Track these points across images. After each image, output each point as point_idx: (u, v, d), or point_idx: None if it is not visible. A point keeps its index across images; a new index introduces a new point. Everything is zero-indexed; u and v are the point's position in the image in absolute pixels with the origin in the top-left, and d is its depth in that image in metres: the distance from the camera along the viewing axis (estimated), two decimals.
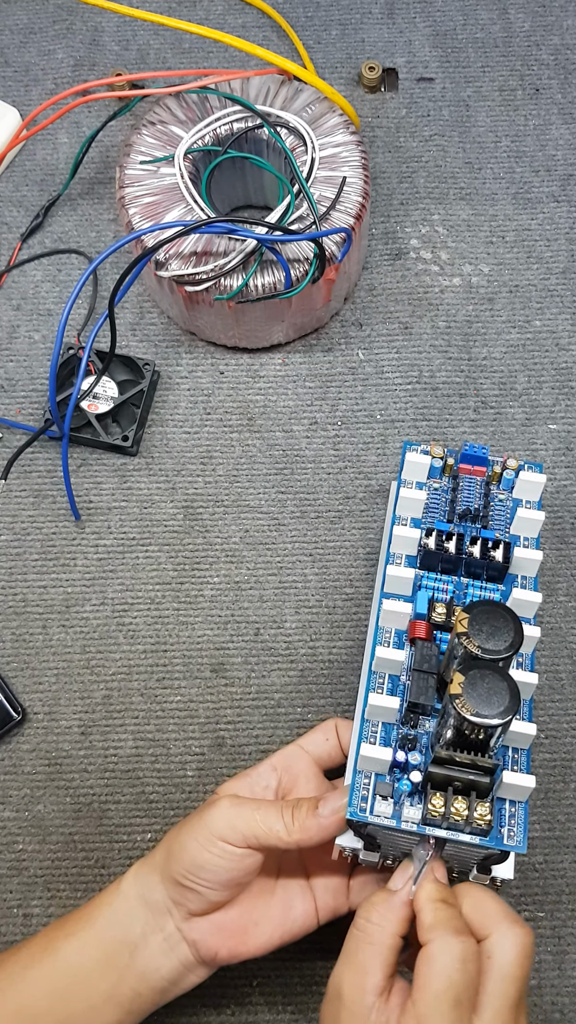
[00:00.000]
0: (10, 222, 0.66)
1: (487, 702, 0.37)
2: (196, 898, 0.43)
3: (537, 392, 0.62)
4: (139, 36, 0.70)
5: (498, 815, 0.41)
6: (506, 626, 0.39)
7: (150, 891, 0.44)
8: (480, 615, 0.39)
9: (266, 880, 0.46)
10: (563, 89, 0.69)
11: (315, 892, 0.46)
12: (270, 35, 0.70)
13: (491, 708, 0.37)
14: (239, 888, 0.44)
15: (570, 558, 0.58)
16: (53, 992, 0.43)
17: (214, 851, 0.42)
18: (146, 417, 0.61)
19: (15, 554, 0.58)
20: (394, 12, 0.71)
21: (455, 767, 0.39)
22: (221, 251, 0.56)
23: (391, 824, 0.41)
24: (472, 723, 0.37)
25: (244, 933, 0.44)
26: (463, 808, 0.39)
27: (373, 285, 0.64)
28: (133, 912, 0.44)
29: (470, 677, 0.37)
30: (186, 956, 0.44)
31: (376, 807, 0.41)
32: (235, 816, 0.43)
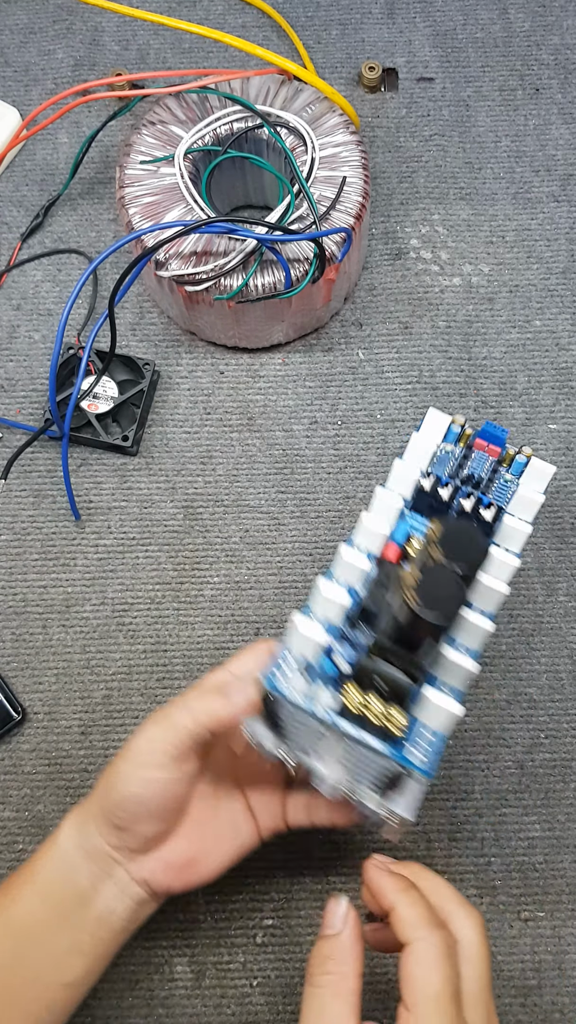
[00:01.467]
0: (10, 222, 0.66)
1: (434, 600, 0.37)
2: (132, 836, 0.43)
3: (537, 392, 0.62)
4: (139, 36, 0.70)
5: (413, 731, 0.40)
6: (474, 546, 0.39)
7: (87, 839, 0.43)
8: (453, 531, 0.39)
9: (206, 808, 0.46)
10: (563, 89, 0.69)
11: (254, 812, 0.47)
12: (270, 35, 0.70)
13: (435, 607, 0.37)
14: (174, 815, 0.43)
15: (570, 558, 0.58)
16: (14, 957, 0.43)
17: (135, 783, 0.41)
18: (146, 417, 0.61)
19: (15, 554, 0.58)
20: (394, 12, 0.71)
21: (384, 663, 0.38)
22: (221, 251, 0.56)
23: (303, 705, 0.39)
24: (414, 617, 0.37)
25: (194, 864, 0.44)
26: (379, 708, 0.38)
27: (373, 285, 0.64)
28: (75, 865, 0.43)
29: (427, 572, 0.37)
30: (139, 895, 0.44)
31: (293, 681, 0.40)
32: (148, 738, 0.42)
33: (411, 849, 0.53)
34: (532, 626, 0.57)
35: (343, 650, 0.41)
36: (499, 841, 0.53)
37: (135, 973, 0.51)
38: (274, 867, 0.53)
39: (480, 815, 0.53)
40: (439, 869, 0.52)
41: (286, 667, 0.40)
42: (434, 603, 0.37)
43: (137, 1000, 0.51)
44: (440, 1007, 0.36)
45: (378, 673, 0.39)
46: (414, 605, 0.37)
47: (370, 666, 0.39)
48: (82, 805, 0.44)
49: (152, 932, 0.52)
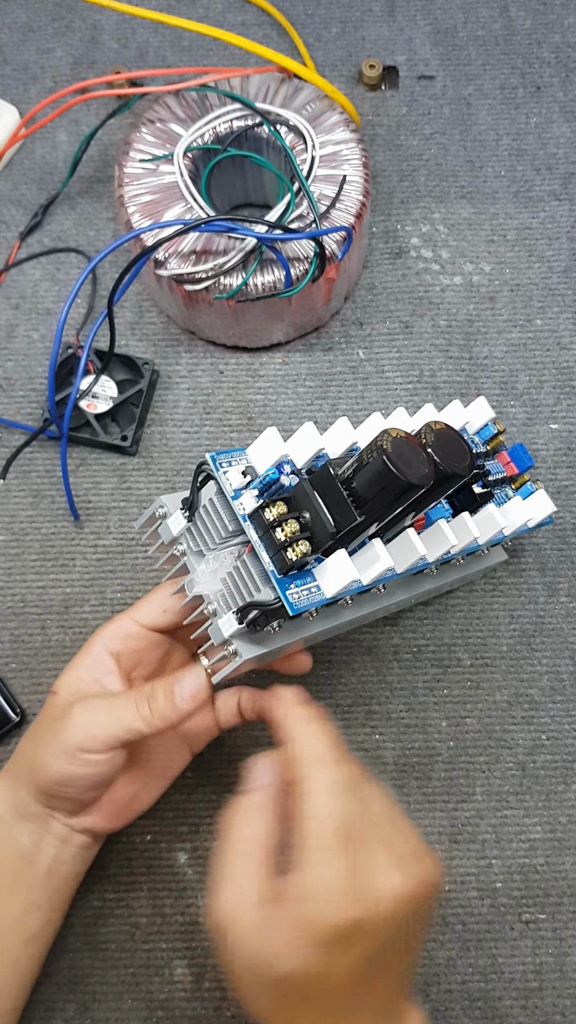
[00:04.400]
0: (9, 221, 0.65)
1: (405, 464, 0.37)
2: (71, 803, 0.43)
3: (538, 391, 0.61)
4: (138, 34, 0.70)
5: (305, 576, 0.40)
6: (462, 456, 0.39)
7: (23, 806, 0.44)
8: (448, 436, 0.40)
9: (139, 753, 0.46)
10: (564, 87, 0.69)
11: (183, 731, 0.46)
12: (270, 33, 0.70)
13: (405, 469, 0.37)
14: (112, 781, 0.44)
15: (571, 558, 0.58)
16: None
17: (77, 763, 0.41)
18: (145, 416, 0.61)
19: (14, 554, 0.58)
20: (395, 10, 0.71)
21: (321, 501, 0.38)
22: (221, 250, 0.55)
23: (225, 490, 0.39)
24: (383, 466, 0.37)
25: (131, 803, 0.45)
26: (290, 531, 0.38)
27: (373, 284, 0.64)
28: (14, 829, 0.44)
29: (397, 443, 0.37)
30: (83, 841, 0.45)
31: (230, 474, 0.40)
32: (90, 723, 0.41)
33: None
34: (533, 627, 0.56)
35: (293, 473, 0.40)
36: (500, 843, 0.53)
37: (135, 975, 0.51)
38: None
39: (481, 817, 0.53)
40: None
41: (235, 461, 0.40)
42: (405, 465, 0.37)
43: (137, 1002, 0.50)
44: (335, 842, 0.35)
45: (311, 506, 0.38)
46: (386, 456, 0.37)
47: (309, 495, 0.38)
48: (9, 772, 0.45)
49: (151, 935, 0.52)
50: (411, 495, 0.38)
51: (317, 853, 0.35)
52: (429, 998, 0.50)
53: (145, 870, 0.52)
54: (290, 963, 0.34)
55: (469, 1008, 0.50)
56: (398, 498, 0.38)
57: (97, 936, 0.51)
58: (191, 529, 0.41)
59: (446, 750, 0.54)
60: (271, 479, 0.40)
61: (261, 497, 0.40)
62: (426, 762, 0.54)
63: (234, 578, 0.40)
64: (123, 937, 0.52)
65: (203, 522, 0.41)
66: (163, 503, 0.42)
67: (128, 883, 0.52)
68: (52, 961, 0.51)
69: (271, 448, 0.40)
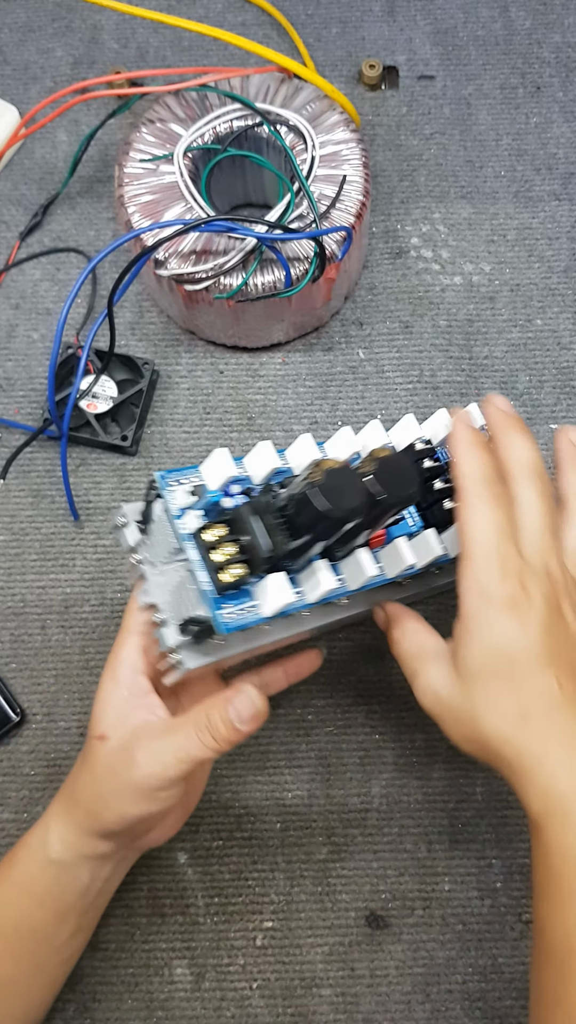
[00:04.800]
0: (9, 221, 0.65)
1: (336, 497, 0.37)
2: (129, 837, 0.44)
3: (538, 392, 0.61)
4: (138, 34, 0.70)
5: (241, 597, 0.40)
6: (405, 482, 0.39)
7: (90, 849, 0.43)
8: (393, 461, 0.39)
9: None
10: (564, 87, 0.69)
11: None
12: (270, 33, 0.70)
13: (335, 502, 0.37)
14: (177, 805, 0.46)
15: None
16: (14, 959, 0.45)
17: (154, 803, 0.41)
18: (145, 416, 0.61)
19: (14, 554, 0.58)
20: (395, 10, 0.71)
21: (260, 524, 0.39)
22: (221, 250, 0.55)
23: (170, 510, 0.40)
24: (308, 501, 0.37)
25: (185, 809, 0.47)
26: (228, 553, 0.39)
27: (373, 284, 0.64)
28: (76, 870, 0.44)
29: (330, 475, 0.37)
30: (131, 859, 0.48)
31: (176, 493, 0.41)
32: (157, 764, 0.41)
33: (412, 851, 0.53)
34: None
35: (239, 495, 0.41)
36: (500, 843, 0.53)
37: (135, 975, 0.51)
38: (274, 869, 0.52)
39: (481, 817, 0.53)
40: (440, 871, 0.52)
41: (185, 480, 0.41)
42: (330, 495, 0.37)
43: (137, 1003, 0.50)
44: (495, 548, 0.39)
45: (249, 529, 0.39)
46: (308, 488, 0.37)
47: (246, 519, 0.39)
48: (70, 815, 0.44)
49: (152, 935, 0.52)
50: (345, 524, 0.38)
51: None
52: (429, 998, 0.50)
53: (145, 869, 0.52)
54: None
55: (469, 1008, 0.50)
56: (330, 528, 0.38)
57: (97, 936, 0.51)
58: (145, 541, 0.42)
59: (446, 750, 0.54)
60: (213, 501, 0.40)
61: (206, 517, 0.40)
62: (426, 762, 0.54)
63: (178, 593, 0.41)
64: (123, 937, 0.52)
65: (154, 537, 0.41)
66: (124, 513, 0.42)
67: (128, 883, 0.52)
68: None
69: (221, 468, 0.40)
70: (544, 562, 0.40)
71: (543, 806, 0.37)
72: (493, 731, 0.39)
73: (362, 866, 0.53)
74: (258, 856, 0.53)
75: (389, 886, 0.52)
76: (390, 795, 0.54)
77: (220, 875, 0.52)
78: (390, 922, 0.52)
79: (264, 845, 0.53)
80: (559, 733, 0.38)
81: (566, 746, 0.38)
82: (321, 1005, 0.50)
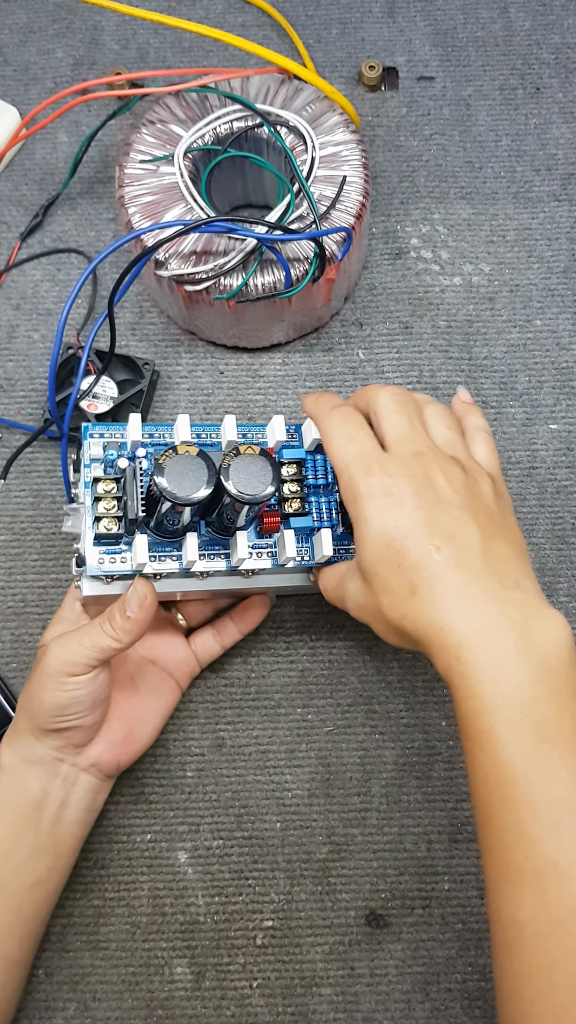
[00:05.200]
0: (9, 221, 0.66)
1: (175, 482, 0.42)
2: (75, 732, 0.47)
3: (538, 392, 0.61)
4: (139, 35, 0.70)
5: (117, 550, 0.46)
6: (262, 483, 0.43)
7: (30, 752, 0.47)
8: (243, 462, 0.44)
9: (125, 685, 0.51)
10: (564, 88, 0.69)
11: (167, 668, 0.52)
12: (270, 34, 0.70)
13: (173, 487, 0.42)
14: (104, 702, 0.48)
15: (570, 558, 0.58)
16: None
17: (68, 687, 0.45)
18: (146, 417, 0.61)
19: (14, 554, 0.58)
20: (394, 11, 0.71)
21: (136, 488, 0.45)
22: (221, 250, 0.56)
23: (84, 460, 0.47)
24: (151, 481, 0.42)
25: (132, 734, 0.50)
26: (106, 506, 0.45)
27: (373, 284, 0.64)
28: (23, 776, 0.47)
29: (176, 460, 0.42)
30: (89, 781, 0.48)
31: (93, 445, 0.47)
32: (66, 651, 0.46)
33: (412, 851, 0.53)
34: None
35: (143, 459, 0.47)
36: None
37: (135, 975, 0.51)
38: (274, 868, 0.53)
39: None
40: (440, 870, 0.52)
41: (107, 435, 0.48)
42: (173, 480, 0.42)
43: (137, 1002, 0.51)
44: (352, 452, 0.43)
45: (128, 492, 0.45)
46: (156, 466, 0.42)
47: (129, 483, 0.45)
48: (11, 729, 0.48)
49: (152, 934, 0.52)
50: (192, 506, 0.43)
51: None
52: (429, 997, 0.50)
53: (145, 869, 0.53)
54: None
55: (469, 1008, 0.50)
56: (175, 507, 0.43)
57: (97, 935, 0.52)
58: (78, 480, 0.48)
59: (446, 750, 0.54)
60: (109, 460, 0.47)
61: (106, 472, 0.46)
62: (426, 762, 0.54)
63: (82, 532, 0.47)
64: (123, 936, 0.52)
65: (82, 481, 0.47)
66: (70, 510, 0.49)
67: (128, 882, 0.52)
68: (52, 960, 0.51)
69: (131, 432, 0.47)
70: (409, 448, 0.42)
71: (445, 662, 0.39)
72: (393, 611, 0.41)
73: (362, 866, 0.53)
74: (258, 856, 0.53)
75: (389, 885, 0.52)
76: (390, 795, 0.54)
77: (220, 875, 0.53)
78: (390, 921, 0.52)
79: (264, 845, 0.53)
80: (444, 592, 0.39)
81: (453, 601, 0.39)
82: (321, 1004, 0.50)
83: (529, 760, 0.37)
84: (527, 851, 0.36)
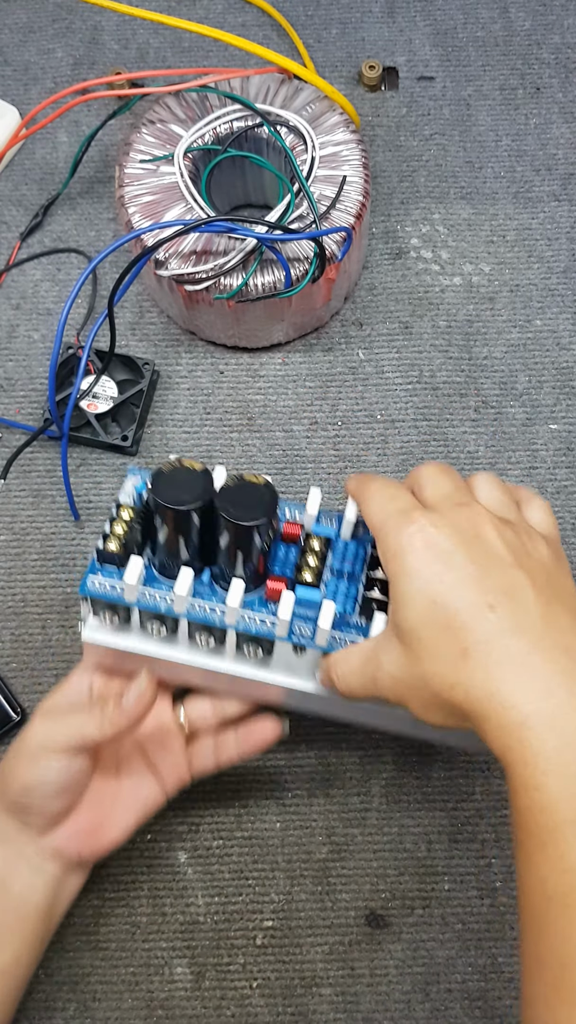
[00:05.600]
0: (9, 221, 0.66)
1: (171, 487, 0.41)
2: (39, 816, 0.44)
3: (538, 392, 0.61)
4: (139, 35, 0.70)
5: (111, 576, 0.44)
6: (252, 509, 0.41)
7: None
8: (240, 488, 0.41)
9: (107, 772, 0.47)
10: (564, 88, 0.69)
11: (157, 770, 0.48)
12: (270, 34, 0.70)
13: (168, 491, 0.41)
14: (78, 790, 0.45)
15: (571, 558, 0.58)
16: None
17: (40, 766, 0.43)
18: (146, 417, 0.61)
19: (14, 554, 0.58)
20: (394, 11, 0.71)
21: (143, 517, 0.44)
22: (221, 250, 0.56)
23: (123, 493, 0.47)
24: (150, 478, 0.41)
25: (100, 828, 0.46)
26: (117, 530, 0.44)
27: (373, 284, 0.64)
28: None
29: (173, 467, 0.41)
30: (54, 869, 0.45)
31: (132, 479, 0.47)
32: (46, 728, 0.43)
33: (412, 851, 0.53)
34: None
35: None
36: (500, 842, 0.53)
37: (135, 975, 0.51)
38: (274, 868, 0.53)
39: (481, 816, 0.53)
40: (440, 870, 0.52)
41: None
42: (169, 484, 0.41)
43: (137, 1002, 0.51)
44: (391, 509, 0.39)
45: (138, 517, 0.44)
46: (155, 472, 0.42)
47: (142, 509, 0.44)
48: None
49: (151, 934, 0.52)
50: (182, 523, 0.41)
51: None
52: (429, 997, 0.50)
53: (145, 869, 0.53)
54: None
55: (469, 1008, 0.50)
56: (167, 522, 0.42)
57: (97, 935, 0.52)
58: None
59: (445, 749, 0.54)
60: (139, 490, 0.46)
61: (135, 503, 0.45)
62: (426, 762, 0.54)
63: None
64: (123, 936, 0.52)
65: None
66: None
67: (128, 882, 0.52)
68: (52, 960, 0.51)
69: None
70: (455, 502, 0.39)
71: (503, 742, 0.34)
72: (440, 680, 0.36)
73: (362, 865, 0.53)
74: (258, 856, 0.53)
75: (389, 885, 0.52)
76: (390, 795, 0.54)
77: (220, 875, 0.53)
78: (390, 921, 0.52)
79: (264, 845, 0.53)
80: (501, 660, 0.35)
81: (513, 672, 0.34)
82: (321, 1004, 0.50)
83: None
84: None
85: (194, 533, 0.42)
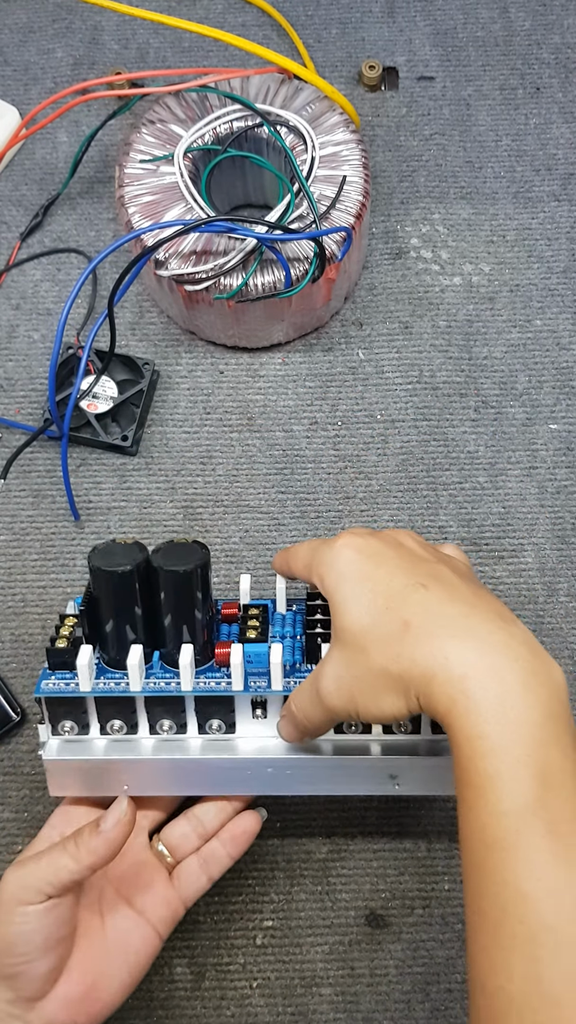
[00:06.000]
0: (9, 221, 0.66)
1: (107, 556, 0.43)
2: (25, 980, 0.40)
3: (538, 392, 0.61)
4: (139, 35, 0.70)
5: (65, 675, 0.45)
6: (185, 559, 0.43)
7: None
8: (173, 547, 0.44)
9: (92, 926, 0.44)
10: (564, 88, 0.69)
11: (144, 913, 0.45)
12: (270, 34, 0.70)
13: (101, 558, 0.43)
14: (62, 946, 0.42)
15: (571, 558, 0.58)
16: None
17: (16, 920, 0.40)
18: (145, 417, 0.61)
19: (14, 554, 0.58)
20: (394, 11, 0.71)
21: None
22: (221, 250, 0.56)
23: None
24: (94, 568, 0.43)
25: (94, 991, 0.42)
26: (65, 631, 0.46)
27: (373, 284, 0.64)
28: None
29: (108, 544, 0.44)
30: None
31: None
32: (19, 875, 0.40)
33: (412, 850, 0.53)
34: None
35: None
36: None
37: None
38: (274, 868, 0.53)
39: None
40: (440, 870, 0.52)
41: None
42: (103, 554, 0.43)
43: (136, 1002, 0.51)
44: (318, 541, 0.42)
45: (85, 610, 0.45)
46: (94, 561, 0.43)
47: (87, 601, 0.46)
48: None
49: None
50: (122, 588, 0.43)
51: None
52: (429, 997, 0.50)
53: None
54: None
55: None
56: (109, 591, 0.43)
57: None
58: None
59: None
60: (77, 602, 0.47)
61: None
62: None
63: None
64: None
65: None
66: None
67: None
68: None
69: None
70: (371, 532, 0.42)
71: (448, 696, 0.35)
72: (384, 656, 0.37)
73: (362, 865, 0.53)
74: (258, 856, 0.53)
75: (389, 885, 0.52)
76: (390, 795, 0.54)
77: None
78: (390, 921, 0.52)
79: (264, 845, 0.53)
80: (441, 623, 0.36)
81: (453, 632, 0.36)
82: (321, 1004, 0.50)
83: (532, 810, 0.33)
84: (524, 914, 0.32)
85: (136, 604, 0.44)
